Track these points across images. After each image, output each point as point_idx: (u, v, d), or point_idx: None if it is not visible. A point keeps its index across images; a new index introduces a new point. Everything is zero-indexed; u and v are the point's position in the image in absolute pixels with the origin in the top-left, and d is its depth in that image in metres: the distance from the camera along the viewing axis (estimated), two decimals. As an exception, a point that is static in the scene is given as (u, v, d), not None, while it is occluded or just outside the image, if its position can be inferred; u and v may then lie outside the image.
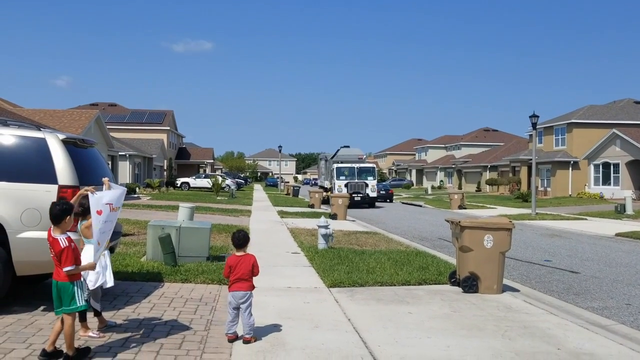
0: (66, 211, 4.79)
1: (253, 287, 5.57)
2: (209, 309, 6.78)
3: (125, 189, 5.82)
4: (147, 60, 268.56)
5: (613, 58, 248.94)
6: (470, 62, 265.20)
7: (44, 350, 4.73)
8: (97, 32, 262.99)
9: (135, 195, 33.38)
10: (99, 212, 5.12)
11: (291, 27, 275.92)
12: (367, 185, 33.48)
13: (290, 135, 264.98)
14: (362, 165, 35.03)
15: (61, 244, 4.63)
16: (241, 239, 5.64)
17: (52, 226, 4.78)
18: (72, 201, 5.11)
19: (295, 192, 46.01)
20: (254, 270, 5.53)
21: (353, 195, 31.78)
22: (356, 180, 33.41)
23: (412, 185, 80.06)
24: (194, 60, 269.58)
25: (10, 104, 38.48)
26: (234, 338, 5.46)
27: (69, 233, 4.91)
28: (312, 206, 30.12)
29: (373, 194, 33.75)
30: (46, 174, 6.09)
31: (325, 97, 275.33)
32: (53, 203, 4.94)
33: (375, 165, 37.97)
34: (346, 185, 33.03)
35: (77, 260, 4.74)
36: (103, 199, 5.23)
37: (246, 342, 5.39)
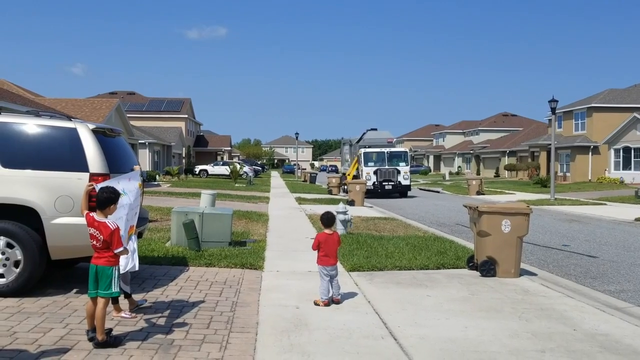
0: (112, 200, 5.01)
1: (337, 260, 6.65)
2: (233, 292, 7.03)
3: (122, 176, 5.96)
4: (162, 47, 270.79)
5: (634, 41, 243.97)
6: (488, 47, 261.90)
7: (88, 331, 4.94)
8: (109, 19, 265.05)
9: (156, 183, 33.90)
10: None
11: (306, 12, 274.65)
12: (398, 172, 30.13)
13: (306, 122, 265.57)
14: (392, 149, 31.87)
15: (111, 227, 4.84)
16: (330, 219, 6.60)
17: (96, 211, 4.97)
18: (82, 199, 5.23)
19: (313, 179, 46.20)
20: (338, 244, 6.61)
21: (383, 183, 29.76)
22: (386, 167, 30.16)
23: (430, 171, 79.82)
24: (209, 47, 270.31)
25: (32, 93, 39.12)
26: (327, 303, 6.37)
27: None
28: (330, 192, 30.42)
29: (406, 182, 30.30)
30: (78, 163, 6.33)
31: (342, 83, 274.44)
32: (100, 189, 5.09)
33: (408, 150, 34.85)
34: (375, 173, 29.91)
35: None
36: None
37: (337, 302, 6.46)
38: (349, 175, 31.40)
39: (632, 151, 39.39)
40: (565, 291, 7.63)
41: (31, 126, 6.53)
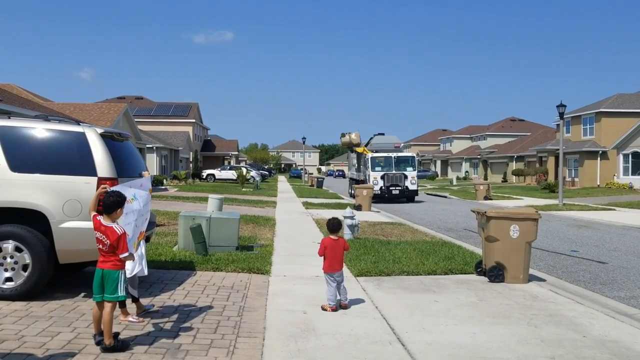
0: (118, 204, 5.02)
1: (342, 266, 6.59)
2: (240, 296, 7.02)
3: (134, 181, 5.99)
4: (169, 52, 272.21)
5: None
6: (496, 51, 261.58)
7: (95, 335, 4.97)
8: (116, 24, 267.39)
9: (163, 187, 33.96)
10: None
11: (313, 17, 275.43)
12: (406, 176, 30.19)
13: (313, 127, 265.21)
14: (400, 154, 31.66)
15: (117, 231, 4.85)
16: (336, 224, 6.61)
17: (103, 215, 4.98)
18: (92, 200, 5.24)
19: (320, 184, 46.17)
20: (344, 249, 6.61)
21: (390, 188, 29.80)
22: (394, 172, 30.14)
23: (437, 176, 79.56)
24: (216, 52, 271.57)
25: (41, 98, 39.42)
26: (335, 309, 6.36)
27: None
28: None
29: (413, 187, 30.33)
30: (86, 167, 6.36)
31: (350, 88, 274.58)
32: (107, 193, 5.11)
33: (415, 155, 34.50)
34: (382, 177, 29.91)
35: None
36: None
37: (344, 307, 6.47)
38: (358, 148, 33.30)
39: (641, 156, 39.10)
40: (575, 297, 7.57)
41: (40, 130, 6.56)
